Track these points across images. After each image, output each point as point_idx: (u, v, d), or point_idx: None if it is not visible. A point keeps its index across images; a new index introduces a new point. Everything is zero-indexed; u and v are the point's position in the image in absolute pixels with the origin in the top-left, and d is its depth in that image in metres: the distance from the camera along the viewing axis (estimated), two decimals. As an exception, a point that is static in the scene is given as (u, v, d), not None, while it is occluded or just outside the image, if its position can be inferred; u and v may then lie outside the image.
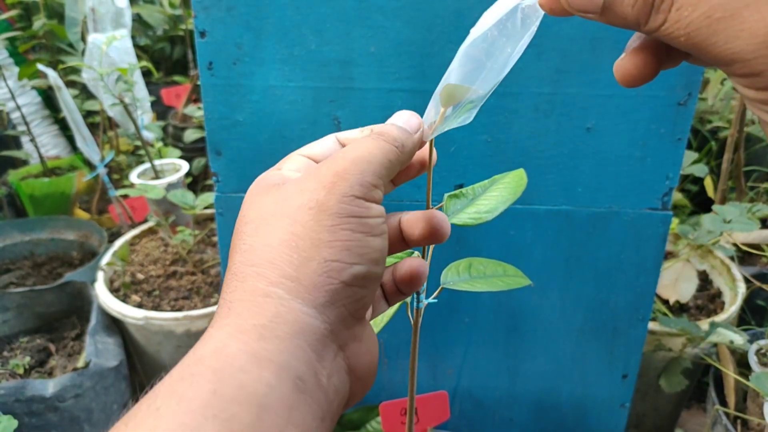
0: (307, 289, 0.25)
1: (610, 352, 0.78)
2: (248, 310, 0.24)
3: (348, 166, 0.27)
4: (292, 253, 0.25)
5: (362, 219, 0.27)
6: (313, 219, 0.26)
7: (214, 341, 0.24)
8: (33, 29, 1.47)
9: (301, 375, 0.24)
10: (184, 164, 1.31)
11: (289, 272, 0.25)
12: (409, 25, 0.62)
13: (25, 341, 1.08)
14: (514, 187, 0.41)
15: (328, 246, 0.26)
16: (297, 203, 0.27)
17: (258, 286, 0.25)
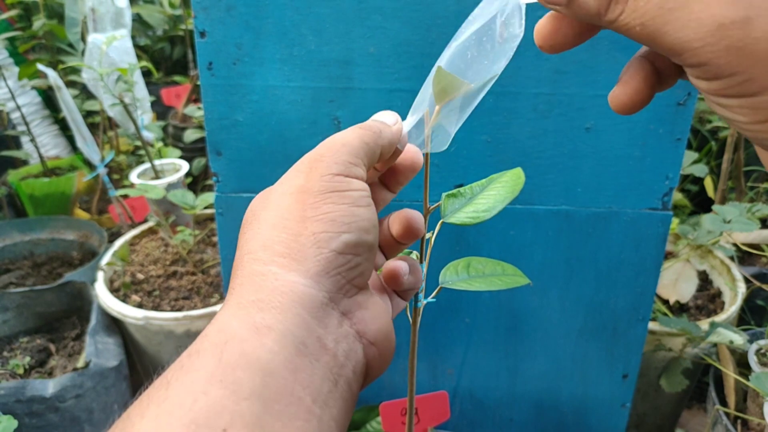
0: (300, 262, 0.26)
1: (610, 352, 0.78)
2: (247, 290, 0.26)
3: (323, 151, 0.29)
4: (281, 233, 0.27)
5: (343, 192, 0.28)
6: (296, 201, 0.28)
7: (218, 322, 0.25)
8: (33, 29, 1.47)
9: (303, 340, 0.25)
10: (184, 164, 1.31)
11: (281, 250, 0.27)
12: (409, 26, 0.62)
13: (25, 341, 1.08)
14: (512, 186, 0.41)
15: (314, 220, 0.27)
16: (280, 192, 0.29)
17: (254, 268, 0.26)
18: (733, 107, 0.23)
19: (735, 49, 0.21)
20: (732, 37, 0.21)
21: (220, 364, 0.23)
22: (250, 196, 0.73)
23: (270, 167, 0.71)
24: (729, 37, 0.21)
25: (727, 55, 0.21)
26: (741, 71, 0.22)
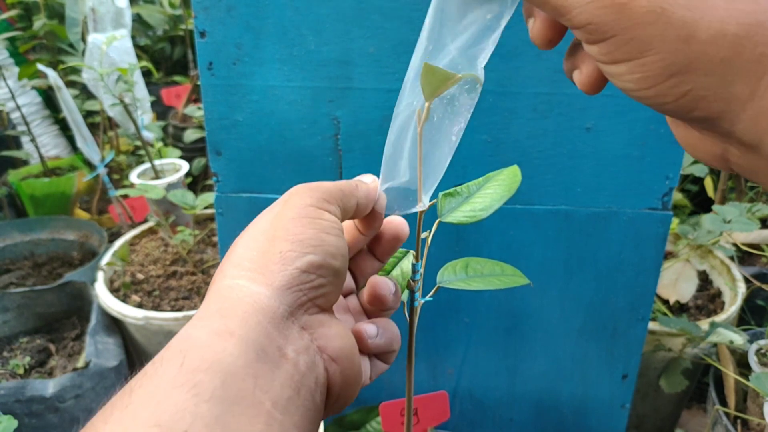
0: (265, 275, 0.27)
1: (610, 353, 0.78)
2: (213, 302, 0.27)
3: (301, 187, 0.32)
4: (251, 252, 0.29)
5: (314, 219, 0.30)
6: (269, 224, 0.30)
7: (181, 332, 0.26)
8: (33, 29, 1.47)
9: (264, 347, 0.25)
10: (184, 164, 1.31)
11: (249, 266, 0.28)
12: (408, 26, 0.62)
13: (25, 341, 1.08)
14: (508, 184, 0.41)
15: (283, 239, 0.28)
16: (256, 219, 0.31)
17: (223, 283, 0.28)
18: (623, 74, 0.23)
19: (618, 6, 0.21)
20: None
21: (182, 369, 0.23)
22: (250, 196, 0.74)
23: (270, 167, 0.71)
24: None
25: (611, 13, 0.21)
26: (624, 30, 0.21)
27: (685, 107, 0.22)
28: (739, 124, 0.22)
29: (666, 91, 0.22)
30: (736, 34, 0.20)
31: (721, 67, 0.21)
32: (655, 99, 0.23)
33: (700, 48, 0.21)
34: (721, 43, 0.20)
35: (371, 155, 0.69)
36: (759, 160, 0.22)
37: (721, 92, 0.21)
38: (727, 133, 0.22)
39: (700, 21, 0.20)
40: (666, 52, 0.21)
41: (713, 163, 0.25)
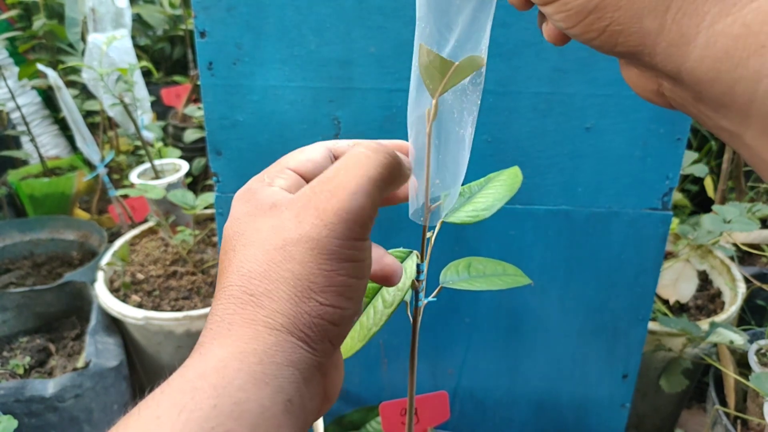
0: (301, 328, 0.26)
1: (610, 352, 0.78)
2: (249, 336, 0.25)
3: (348, 203, 0.26)
4: (289, 291, 0.26)
5: (356, 263, 0.27)
6: (312, 260, 0.26)
7: (216, 359, 0.25)
8: (33, 29, 1.47)
9: (291, 398, 0.25)
10: (184, 164, 1.31)
11: (287, 308, 0.26)
12: (410, 26, 0.62)
13: (25, 341, 1.08)
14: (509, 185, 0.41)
15: (323, 291, 0.26)
16: (295, 237, 0.26)
17: (258, 315, 0.26)
18: (553, 14, 0.25)
19: None
20: None
21: (215, 410, 0.23)
22: (250, 196, 0.74)
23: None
24: None
25: None
26: None
27: (608, 42, 0.24)
28: (657, 57, 0.23)
29: (588, 27, 0.24)
30: None
31: (628, 2, 0.23)
32: (583, 35, 0.25)
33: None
34: None
35: (372, 155, 0.69)
36: (683, 91, 0.24)
37: (633, 26, 0.23)
38: (651, 66, 0.24)
39: None
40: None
41: (655, 100, 0.27)
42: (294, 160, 0.32)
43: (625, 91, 0.63)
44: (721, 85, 0.22)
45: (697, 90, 0.23)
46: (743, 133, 0.22)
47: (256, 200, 0.29)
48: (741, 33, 0.21)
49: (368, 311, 0.40)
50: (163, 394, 0.24)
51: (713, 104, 0.23)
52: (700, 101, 0.23)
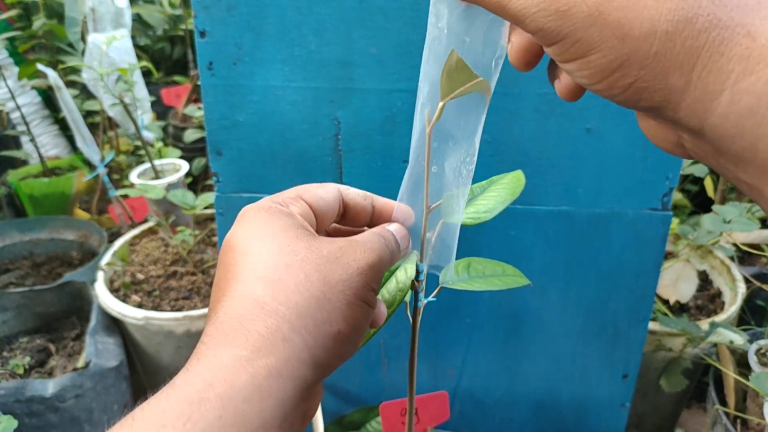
0: (315, 351, 0.27)
1: (610, 353, 0.78)
2: (267, 348, 0.26)
3: (374, 264, 0.31)
4: (314, 313, 0.28)
5: (369, 308, 0.31)
6: (341, 297, 0.29)
7: (226, 370, 0.25)
8: (33, 29, 1.47)
9: (287, 414, 0.26)
10: (184, 164, 1.31)
11: (311, 328, 0.27)
12: (410, 26, 0.62)
13: (25, 341, 1.08)
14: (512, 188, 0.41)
15: (345, 320, 0.29)
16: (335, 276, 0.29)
17: (281, 328, 0.27)
18: (576, 71, 0.25)
19: (561, 12, 0.24)
20: (560, 1, 0.23)
21: (219, 421, 0.23)
22: (251, 196, 0.73)
23: (270, 167, 0.71)
24: (557, 1, 0.23)
25: (557, 19, 0.24)
26: (570, 33, 0.24)
27: (632, 98, 0.25)
28: (681, 112, 0.24)
29: (613, 83, 0.24)
30: (666, 30, 0.22)
31: (655, 60, 0.23)
32: (607, 91, 0.25)
33: (634, 44, 0.23)
34: (652, 39, 0.23)
35: (372, 155, 0.69)
36: (705, 145, 0.24)
37: (659, 83, 0.23)
38: (673, 120, 0.24)
39: (634, 20, 0.23)
40: (606, 50, 0.24)
41: (674, 151, 0.27)
42: (310, 194, 0.34)
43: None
44: (744, 141, 0.22)
45: (719, 145, 0.23)
46: (763, 187, 0.23)
47: (279, 218, 0.31)
48: (765, 91, 0.21)
49: (369, 312, 0.40)
50: (169, 401, 0.24)
51: (734, 158, 0.23)
52: (721, 155, 0.24)
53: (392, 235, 0.34)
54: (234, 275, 0.29)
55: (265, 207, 0.32)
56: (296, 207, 0.32)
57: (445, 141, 0.34)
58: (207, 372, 0.25)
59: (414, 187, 0.35)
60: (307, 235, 0.30)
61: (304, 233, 0.30)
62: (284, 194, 0.33)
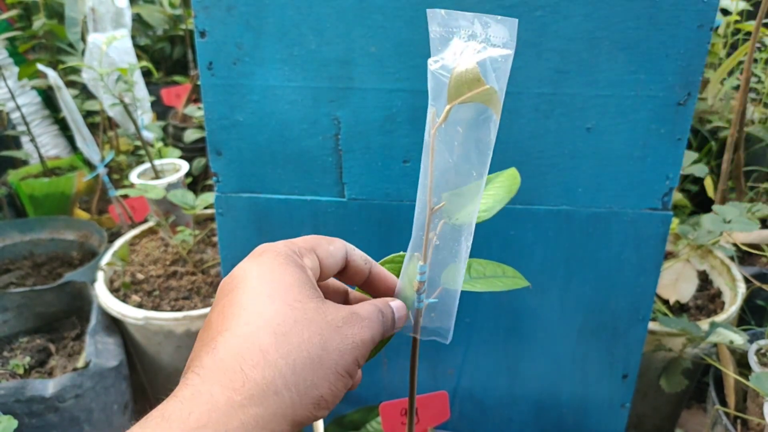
0: (298, 411, 0.29)
1: (610, 353, 0.78)
2: (259, 397, 0.27)
3: (367, 341, 0.33)
4: (307, 375, 0.29)
5: (350, 380, 0.32)
6: (335, 360, 0.30)
7: (220, 412, 0.26)
8: (33, 29, 1.47)
9: None
10: (184, 164, 1.31)
11: (300, 387, 0.29)
12: (410, 25, 0.62)
13: (25, 341, 1.08)
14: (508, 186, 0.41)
15: (329, 387, 0.30)
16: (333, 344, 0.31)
17: (276, 382, 0.28)
18: None
19: None
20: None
21: None
22: (251, 196, 0.73)
23: (270, 167, 0.71)
24: None
25: None
26: None
27: None
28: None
29: None
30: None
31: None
32: None
33: None
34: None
35: (372, 155, 0.69)
36: None
37: None
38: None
39: None
40: None
41: None
42: (322, 249, 0.36)
43: (626, 91, 0.63)
44: None
45: None
46: None
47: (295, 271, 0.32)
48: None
49: (368, 312, 0.40)
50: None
51: None
52: None
53: (392, 312, 0.36)
54: (240, 311, 0.30)
55: (283, 253, 0.33)
56: (309, 261, 0.34)
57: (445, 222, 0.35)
58: (202, 411, 0.26)
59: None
60: (317, 295, 0.32)
61: (315, 294, 0.32)
62: (299, 243, 0.35)
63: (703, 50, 0.60)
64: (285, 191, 0.72)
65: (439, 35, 0.31)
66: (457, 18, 0.30)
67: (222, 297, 0.31)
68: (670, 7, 0.58)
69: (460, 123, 0.32)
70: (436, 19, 0.31)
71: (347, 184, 0.70)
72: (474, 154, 0.33)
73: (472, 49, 0.30)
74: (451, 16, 0.30)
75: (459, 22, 0.30)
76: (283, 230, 0.73)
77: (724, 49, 1.37)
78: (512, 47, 0.30)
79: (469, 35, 0.30)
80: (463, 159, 0.33)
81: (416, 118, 0.66)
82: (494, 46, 0.30)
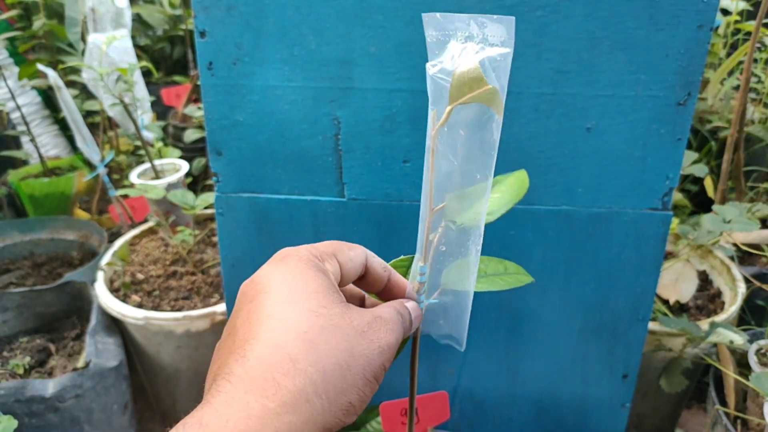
0: (328, 418, 0.28)
1: (610, 353, 0.78)
2: (291, 405, 0.27)
3: (392, 345, 0.34)
4: (336, 383, 0.29)
5: (377, 385, 0.32)
6: (363, 366, 0.31)
7: (256, 420, 0.26)
8: (33, 29, 1.47)
9: None
10: (184, 164, 1.31)
11: (331, 395, 0.29)
12: (410, 25, 0.62)
13: (25, 341, 1.08)
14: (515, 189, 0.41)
15: (358, 393, 0.30)
16: (360, 349, 0.31)
17: (307, 389, 0.28)
18: None
19: None
20: None
21: None
22: (251, 197, 0.73)
23: (270, 167, 0.71)
24: None
25: None
26: None
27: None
28: None
29: None
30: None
31: None
32: None
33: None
34: None
35: (372, 155, 0.69)
36: None
37: None
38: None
39: None
40: None
41: None
42: (343, 255, 0.35)
43: (626, 91, 0.63)
44: None
45: None
46: None
47: (318, 276, 0.32)
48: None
49: (369, 312, 0.40)
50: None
51: None
52: None
53: (409, 314, 0.37)
54: (266, 319, 0.29)
55: (305, 258, 0.32)
56: (330, 266, 0.34)
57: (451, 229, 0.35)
58: (239, 418, 0.26)
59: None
60: (341, 300, 0.32)
61: (339, 298, 0.32)
62: (321, 248, 0.35)
63: (703, 50, 0.60)
64: (285, 191, 0.72)
65: (436, 39, 0.31)
66: (453, 20, 0.30)
67: (246, 303, 0.31)
68: (670, 7, 0.58)
69: (462, 125, 0.32)
70: (432, 23, 0.30)
71: (347, 184, 0.70)
72: (478, 156, 0.32)
73: (472, 50, 0.30)
74: (447, 19, 0.30)
75: (455, 24, 0.30)
76: (283, 230, 0.73)
77: (724, 49, 1.37)
78: (511, 45, 0.30)
79: (466, 37, 0.30)
80: (466, 161, 0.32)
81: (416, 118, 0.66)
82: (492, 45, 0.30)
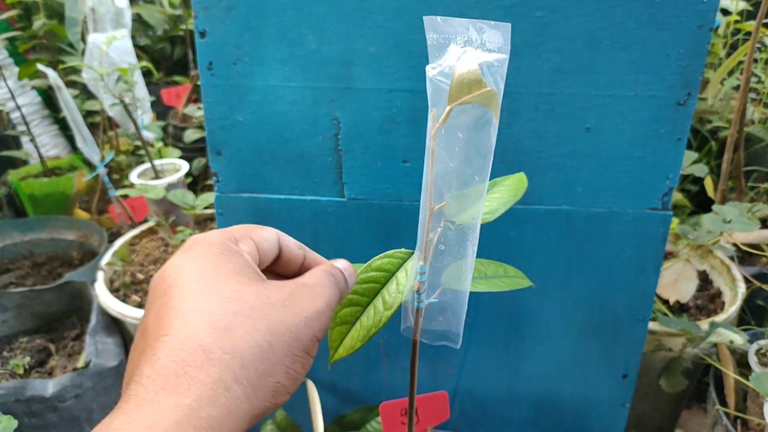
0: (255, 402, 0.27)
1: (610, 352, 0.78)
2: (208, 398, 0.26)
3: (322, 311, 0.31)
4: (258, 365, 0.28)
5: (310, 358, 0.30)
6: (288, 342, 0.29)
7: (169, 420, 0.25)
8: (33, 29, 1.47)
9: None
10: (184, 164, 1.31)
11: (253, 379, 0.27)
12: (410, 26, 0.62)
13: (25, 341, 1.08)
14: (514, 190, 0.41)
15: (286, 372, 0.29)
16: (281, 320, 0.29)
17: (224, 378, 0.26)
18: None
19: None
20: None
21: None
22: (251, 197, 0.73)
23: (270, 167, 0.71)
24: None
25: None
26: None
27: None
28: None
29: None
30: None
31: None
32: None
33: None
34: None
35: (372, 155, 0.69)
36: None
37: None
38: None
39: None
40: None
41: None
42: (257, 235, 0.35)
43: (626, 92, 0.63)
44: None
45: None
46: None
47: (230, 259, 0.31)
48: None
49: (368, 311, 0.40)
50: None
51: None
52: None
53: (341, 272, 0.35)
54: (177, 313, 0.28)
55: (216, 242, 0.31)
56: (245, 245, 0.33)
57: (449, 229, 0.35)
58: (150, 421, 0.24)
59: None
60: (256, 279, 0.30)
61: (254, 277, 0.30)
62: (233, 231, 0.34)
63: (703, 50, 0.60)
64: (285, 191, 0.72)
65: (436, 42, 0.31)
66: (453, 24, 0.30)
67: (156, 298, 0.30)
68: (670, 7, 0.58)
69: (460, 128, 0.32)
70: (433, 26, 0.31)
71: (347, 184, 0.70)
72: (475, 159, 0.33)
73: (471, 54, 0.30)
74: (447, 23, 0.30)
75: (455, 28, 0.30)
76: (282, 230, 0.73)
77: (724, 49, 1.37)
78: (507, 51, 0.30)
79: (465, 41, 0.30)
80: (464, 163, 0.33)
81: (416, 118, 0.66)
82: (489, 51, 0.30)
